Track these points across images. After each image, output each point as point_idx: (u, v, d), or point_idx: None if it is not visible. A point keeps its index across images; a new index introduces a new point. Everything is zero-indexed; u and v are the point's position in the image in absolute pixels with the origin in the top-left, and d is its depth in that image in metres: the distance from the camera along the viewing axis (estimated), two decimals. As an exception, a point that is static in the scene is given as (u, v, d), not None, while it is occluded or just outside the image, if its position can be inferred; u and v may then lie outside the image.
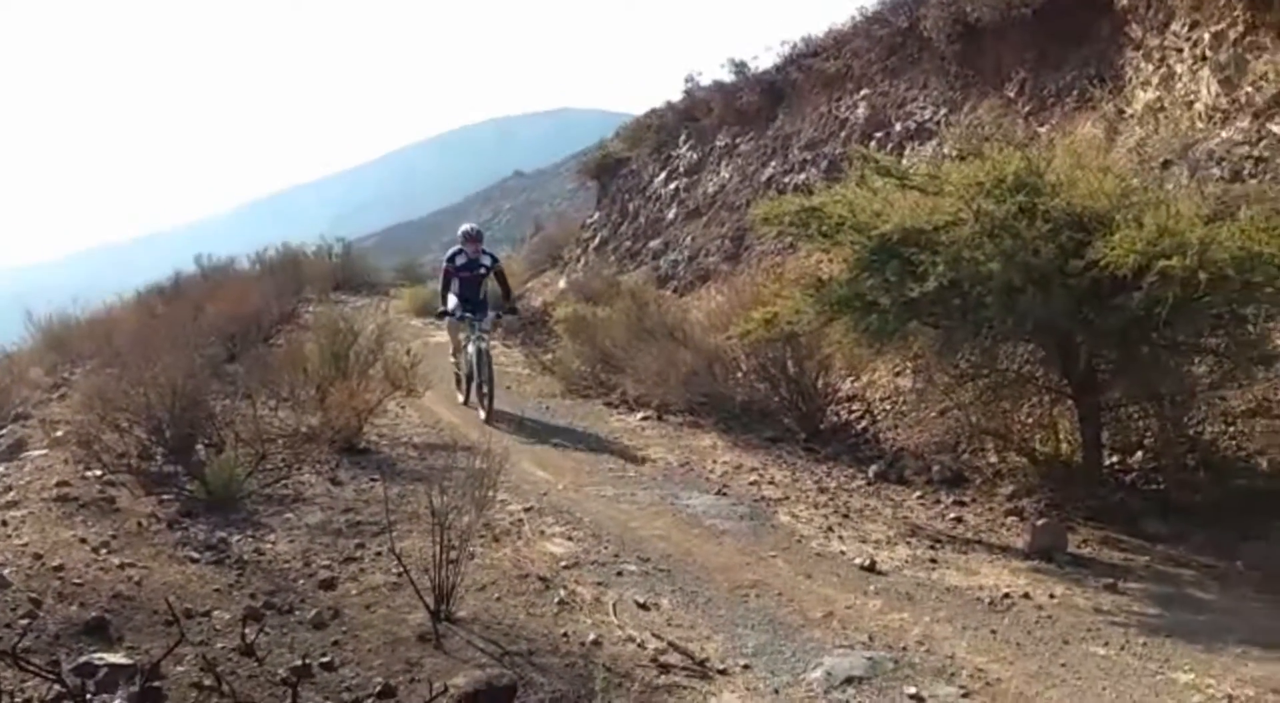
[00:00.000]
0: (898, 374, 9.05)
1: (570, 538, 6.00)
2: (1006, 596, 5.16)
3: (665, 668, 4.21)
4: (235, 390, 8.76)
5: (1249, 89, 9.18)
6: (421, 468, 7.33)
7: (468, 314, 9.67)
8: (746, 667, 4.33)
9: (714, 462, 8.14)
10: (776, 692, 4.10)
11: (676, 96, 19.26)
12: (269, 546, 5.60)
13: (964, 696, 4.02)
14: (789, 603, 5.07)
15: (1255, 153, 8.86)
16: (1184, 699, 4.05)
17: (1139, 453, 6.90)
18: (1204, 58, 9.72)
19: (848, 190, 7.26)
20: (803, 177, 14.51)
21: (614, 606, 4.90)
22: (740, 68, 17.13)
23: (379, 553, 5.42)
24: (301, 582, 5.07)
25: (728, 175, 17.16)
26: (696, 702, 4.01)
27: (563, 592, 5.05)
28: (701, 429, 9.16)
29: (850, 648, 4.51)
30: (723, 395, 9.42)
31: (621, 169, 20.69)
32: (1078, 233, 6.02)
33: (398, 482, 6.88)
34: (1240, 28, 9.37)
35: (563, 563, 5.52)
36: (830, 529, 6.35)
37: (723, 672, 4.28)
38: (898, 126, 13.63)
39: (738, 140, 17.20)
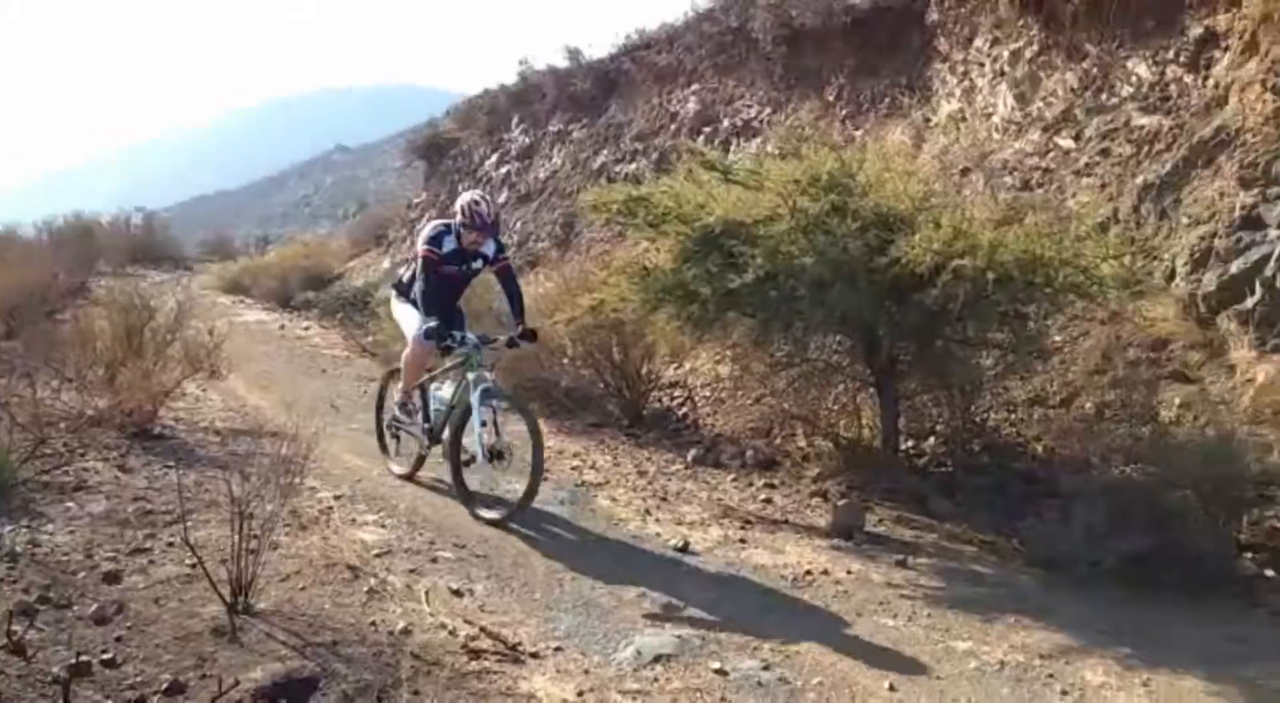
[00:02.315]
0: (718, 362, 9.31)
1: (383, 526, 5.83)
2: (808, 573, 5.42)
3: (476, 654, 4.17)
4: (12, 370, 7.98)
5: (1040, 104, 10.00)
6: (223, 454, 6.92)
7: (468, 338, 6.19)
8: (558, 649, 4.35)
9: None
10: (587, 672, 4.14)
11: (510, 79, 19.03)
12: (46, 536, 5.14)
13: (764, 668, 4.19)
14: (604, 585, 5.13)
15: (1043, 164, 9.66)
16: (962, 665, 4.38)
17: (931, 438, 7.41)
18: (1002, 73, 10.51)
19: (675, 182, 7.41)
20: (634, 166, 14.67)
21: (426, 593, 4.81)
22: (575, 55, 17.13)
23: (171, 544, 5.08)
24: (82, 575, 4.68)
25: (560, 161, 17.13)
26: (506, 686, 3.99)
27: (373, 580, 4.90)
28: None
29: (661, 628, 4.61)
30: (548, 381, 9.41)
31: (451, 149, 20.27)
32: (883, 232, 6.37)
33: (195, 469, 6.48)
34: (1035, 47, 10.18)
35: (374, 551, 5.36)
36: (648, 512, 6.47)
37: (535, 655, 4.28)
38: (726, 122, 14.01)
39: (571, 127, 17.19)
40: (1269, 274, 7.14)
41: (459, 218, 6.29)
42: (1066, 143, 9.43)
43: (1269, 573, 5.41)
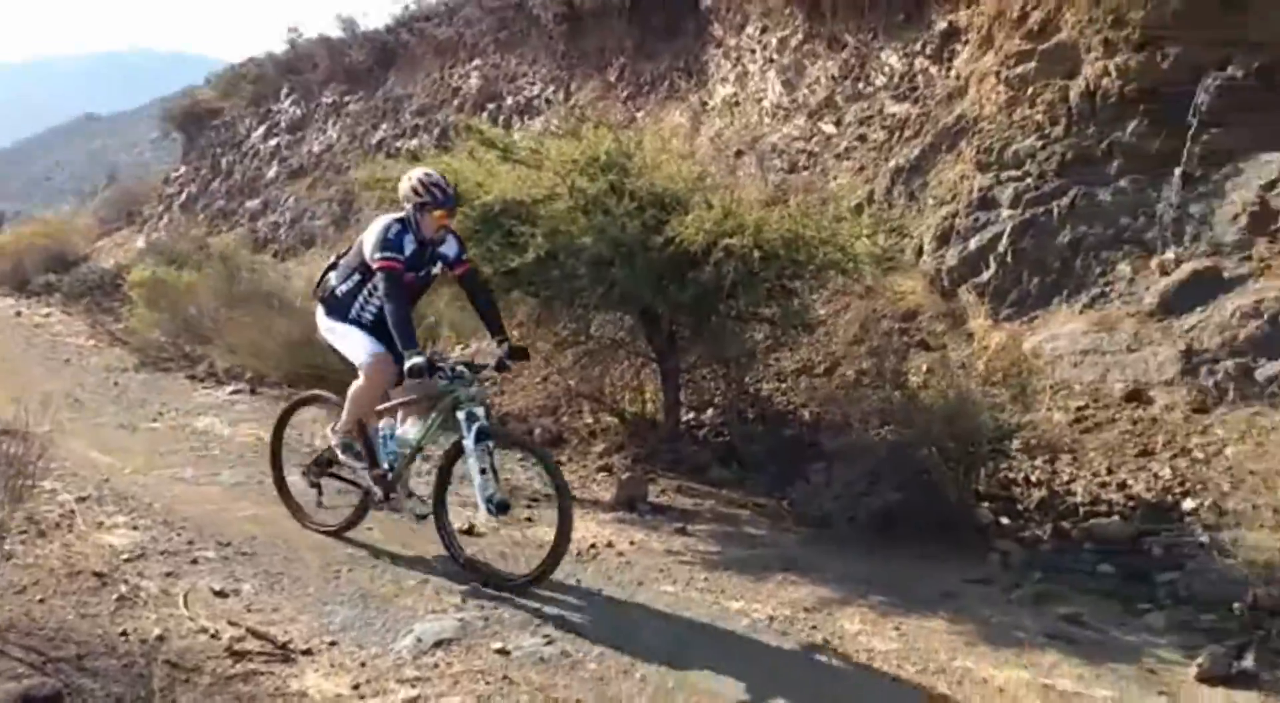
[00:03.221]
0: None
1: (135, 527, 5.39)
2: (593, 546, 5.51)
3: (241, 656, 3.94)
4: None
5: (805, 91, 10.56)
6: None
7: (457, 368, 4.90)
8: (333, 644, 4.19)
9: (314, 436, 7.75)
10: (363, 665, 4.02)
11: (279, 47, 17.97)
12: None
13: (547, 644, 4.23)
14: (383, 575, 4.99)
15: (808, 148, 10.23)
16: (734, 624, 4.59)
17: (710, 410, 7.72)
18: (771, 60, 11.00)
19: (454, 159, 7.26)
20: (415, 142, 14.24)
21: (185, 596, 4.49)
22: (350, 24, 16.41)
23: (-123, 560, 4.47)
24: None
25: (335, 135, 16.36)
26: (275, 687, 3.80)
27: (123, 587, 4.52)
28: (303, 402, 8.67)
29: (443, 612, 4.54)
30: (327, 366, 8.99)
31: (213, 120, 18.90)
32: (659, 212, 6.53)
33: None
34: (800, 36, 10.73)
35: (124, 555, 4.95)
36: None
37: (307, 652, 4.10)
38: (509, 100, 13.87)
39: (346, 99, 16.45)
40: (1001, 250, 7.93)
41: (415, 198, 4.95)
42: (829, 128, 10.02)
43: (1003, 520, 6.01)
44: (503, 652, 4.14)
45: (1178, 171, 7.33)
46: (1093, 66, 7.81)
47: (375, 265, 4.93)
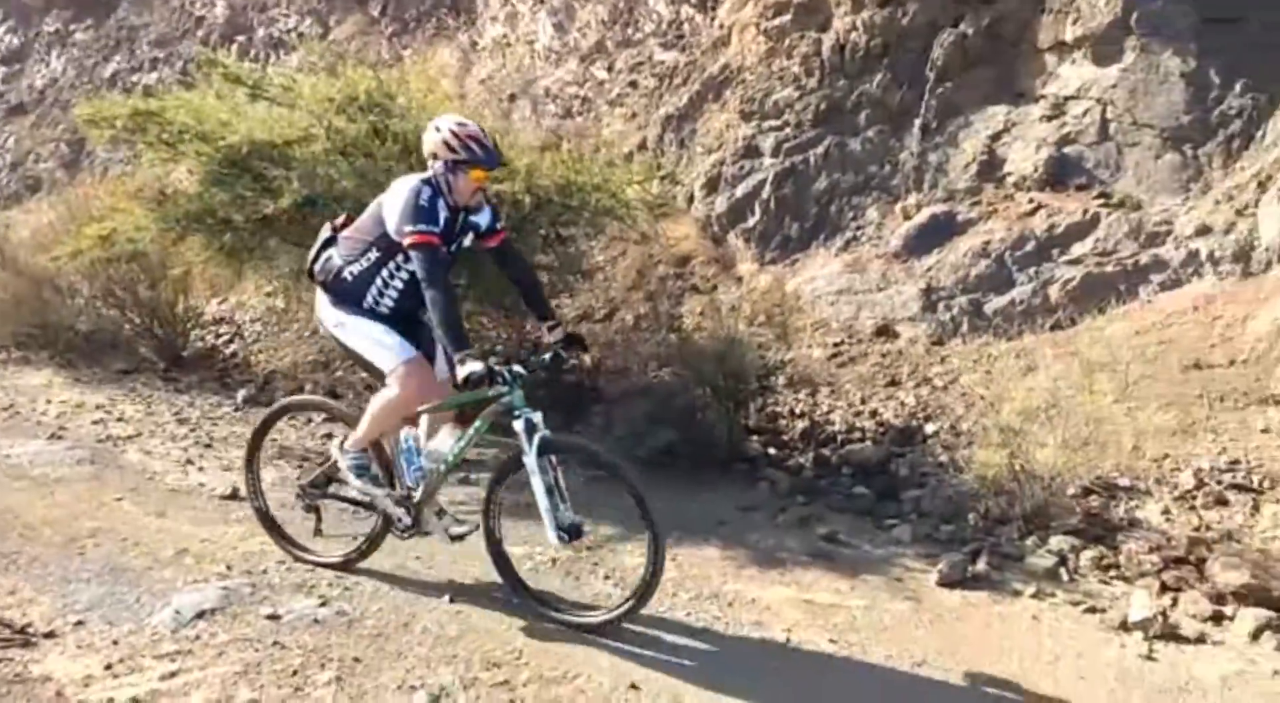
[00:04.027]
0: (269, 294, 8.70)
1: None
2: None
3: (-34, 647, 3.53)
4: None
5: (576, 34, 10.47)
6: None
7: (515, 369, 3.99)
8: (79, 624, 3.84)
9: (48, 402, 7.03)
10: (115, 643, 3.71)
11: (-19, -37, 15.69)
12: None
13: (321, 605, 4.07)
14: (135, 547, 4.61)
15: (582, 93, 10.17)
16: (516, 569, 4.60)
17: (492, 358, 7.53)
18: (542, 1, 10.80)
19: (194, 96, 6.65)
20: (154, 77, 12.97)
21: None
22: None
23: None
24: None
25: (61, 68, 14.60)
26: (15, 673, 3.45)
27: None
28: (32, 365, 7.84)
29: (204, 582, 4.26)
30: (59, 325, 8.13)
31: (-95, 47, 16.31)
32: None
33: None
34: (568, -21, 10.58)
35: None
36: (190, 462, 5.92)
37: (50, 635, 3.74)
38: (261, 32, 12.87)
39: (72, 27, 14.68)
40: (765, 197, 8.29)
41: (447, 155, 3.93)
42: (600, 73, 10.02)
43: (771, 451, 6.37)
44: (273, 617, 3.95)
45: (917, 123, 7.94)
46: (842, 21, 8.24)
47: (408, 241, 3.83)
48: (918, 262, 7.50)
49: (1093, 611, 4.41)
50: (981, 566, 4.85)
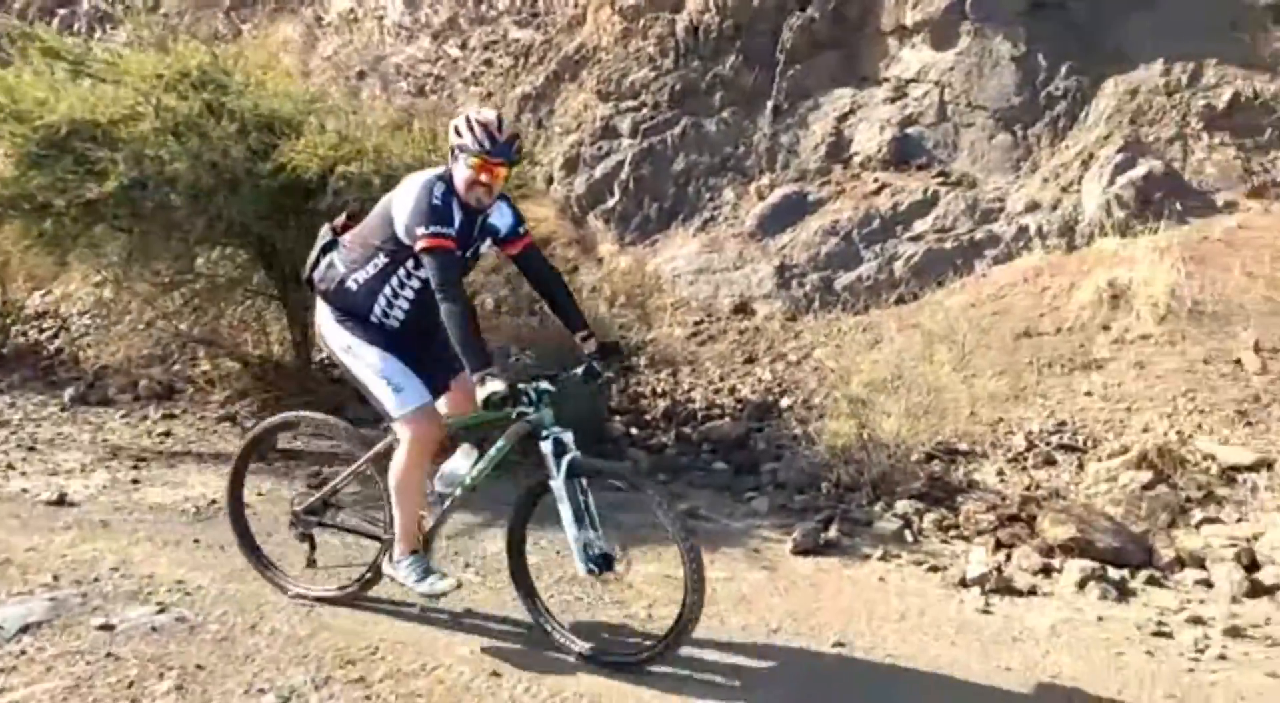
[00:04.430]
0: (98, 285, 8.14)
1: None
2: (214, 502, 5.09)
3: None
4: None
5: (428, 10, 10.19)
6: None
7: (541, 386, 3.64)
8: (-122, 651, 3.52)
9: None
10: (-77, 669, 3.42)
11: None
12: None
13: (159, 612, 3.85)
14: (-53, 562, 4.25)
15: (435, 71, 9.92)
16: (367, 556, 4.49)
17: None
18: (389, -24, 10.44)
19: (8, 73, 6.14)
20: (-38, 51, 11.89)
21: None
22: None
23: None
24: None
25: None
26: None
27: None
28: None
29: (30, 593, 3.97)
30: None
31: None
32: (267, 136, 6.01)
33: None
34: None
35: None
36: (10, 467, 5.50)
37: None
38: (86, 5, 11.99)
39: None
40: (624, 178, 8.31)
41: (454, 139, 3.54)
42: (454, 51, 9.80)
43: (634, 430, 6.42)
44: (106, 627, 3.71)
45: (769, 105, 8.10)
46: (694, 2, 8.31)
47: (420, 245, 3.43)
48: (772, 241, 7.68)
49: (935, 570, 4.65)
50: (833, 532, 5.04)
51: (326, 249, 3.82)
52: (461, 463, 3.80)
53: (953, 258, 7.18)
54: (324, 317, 3.82)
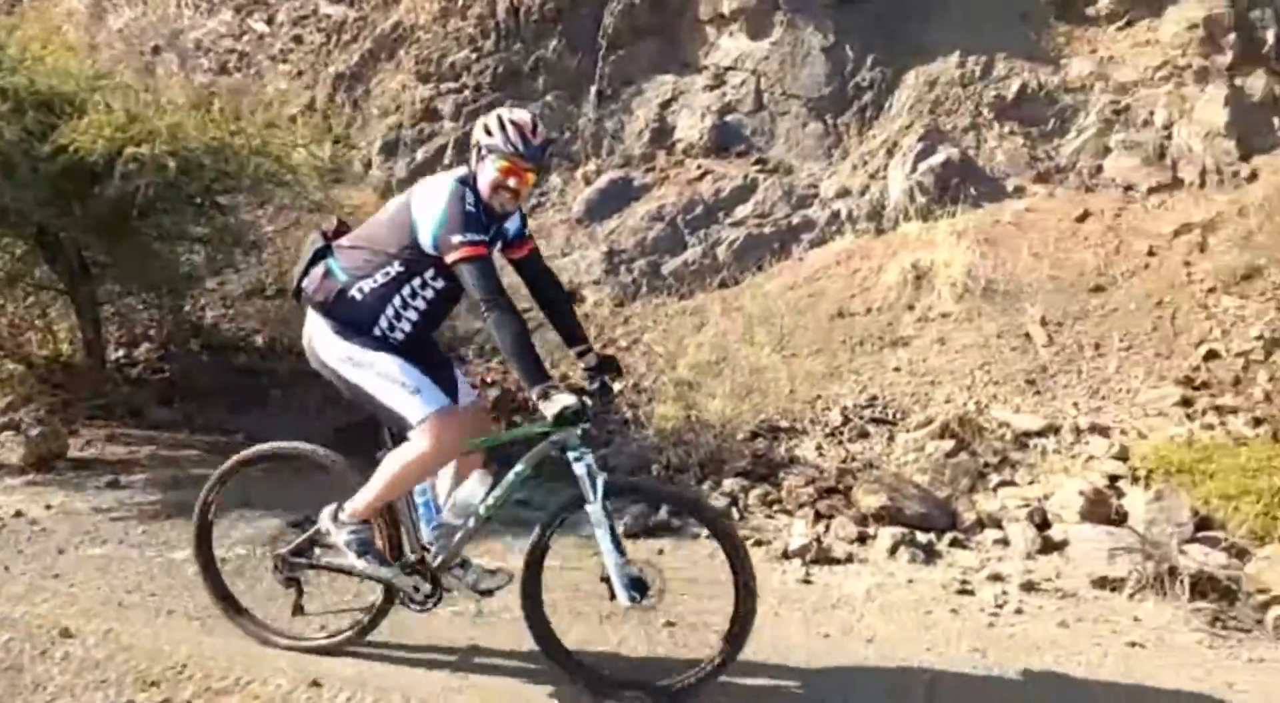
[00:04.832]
0: None
1: None
2: (-6, 519, 4.65)
3: None
4: None
5: (227, -16, 9.57)
6: None
7: (585, 401, 3.25)
8: None
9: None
10: None
11: None
12: None
13: (-71, 647, 3.48)
14: None
15: (239, 47, 9.34)
16: (181, 571, 4.21)
17: (145, 344, 6.88)
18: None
19: None
20: None
21: None
22: None
23: None
24: None
25: None
26: None
27: None
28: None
29: None
30: None
31: None
32: (46, 115, 5.49)
33: None
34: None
35: None
36: None
37: None
38: None
39: None
40: (448, 162, 8.08)
41: (482, 137, 3.28)
42: (260, 26, 9.26)
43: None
44: None
45: (593, 90, 8.10)
46: (514, -17, 8.20)
47: (456, 255, 3.15)
48: (599, 226, 7.69)
49: (760, 544, 4.80)
50: (663, 513, 5.10)
51: (318, 257, 3.46)
52: (476, 491, 3.43)
53: (771, 242, 7.42)
54: (319, 329, 3.44)
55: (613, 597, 3.29)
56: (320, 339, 3.43)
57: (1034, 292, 6.65)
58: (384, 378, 3.30)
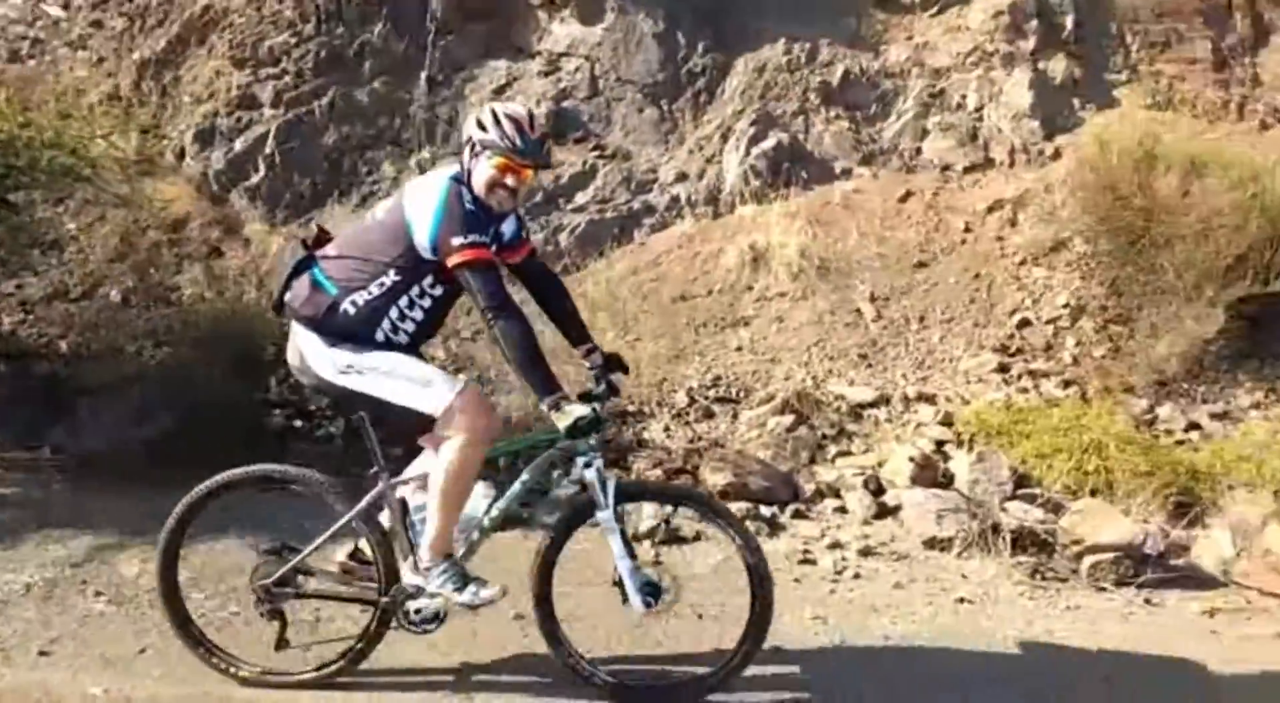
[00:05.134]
0: None
1: None
2: None
3: None
4: None
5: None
6: None
7: (592, 407, 3.09)
8: None
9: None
10: None
11: None
12: None
13: None
14: None
15: (33, 33, 8.58)
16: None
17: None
18: (-41, -82, 8.85)
19: None
20: None
21: None
22: None
23: None
24: None
25: None
26: None
27: None
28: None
29: None
30: None
31: None
32: None
33: None
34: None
35: None
36: None
37: None
38: None
39: None
40: (269, 151, 7.69)
41: (476, 132, 3.14)
42: (55, 11, 8.53)
43: (296, 424, 6.00)
44: None
45: (423, 75, 7.86)
46: (333, -36, 7.85)
47: (458, 259, 2.99)
48: (437, 216, 7.48)
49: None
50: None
51: (299, 269, 3.23)
52: (478, 504, 3.32)
53: (612, 228, 7.41)
54: (308, 344, 3.22)
55: (625, 601, 3.26)
56: (314, 355, 3.21)
57: (863, 269, 6.91)
58: (391, 378, 3.12)
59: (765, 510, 4.99)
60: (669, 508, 4.51)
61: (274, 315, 3.45)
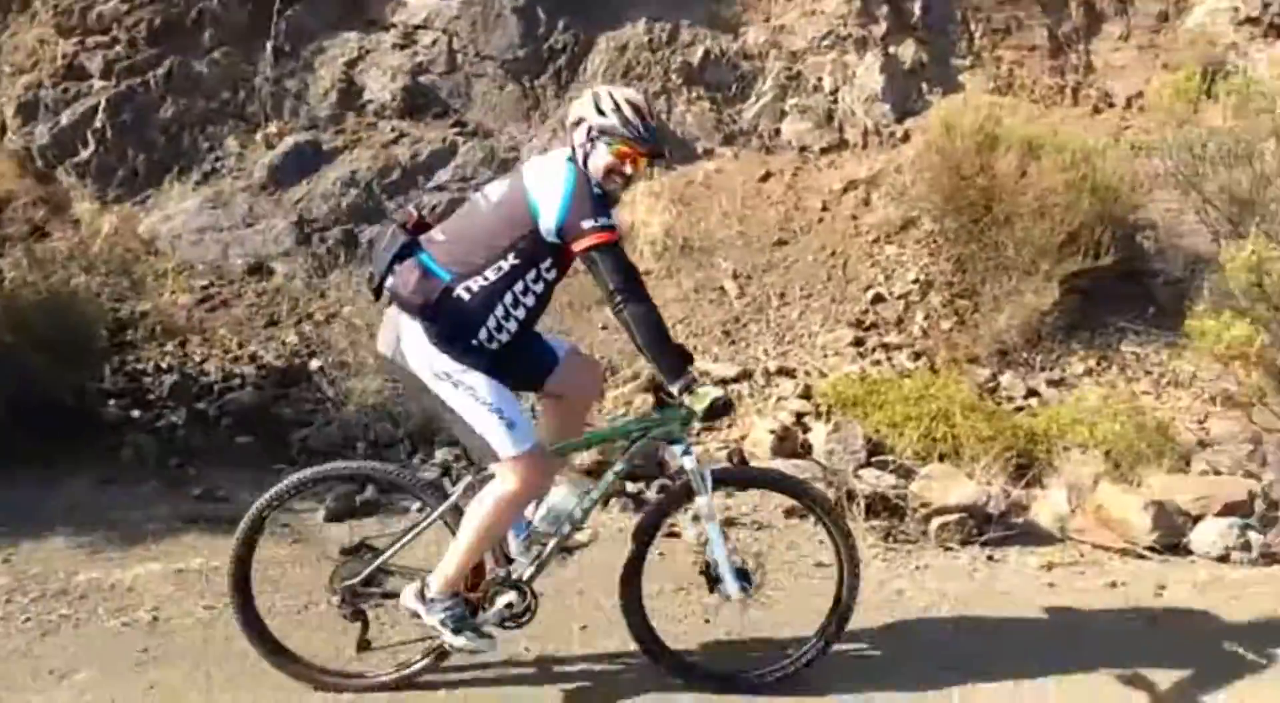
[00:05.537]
0: None
1: None
2: None
3: None
4: None
5: None
6: None
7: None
8: None
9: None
10: None
11: None
12: None
13: None
14: None
15: None
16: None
17: None
18: None
19: None
20: None
21: None
22: None
23: None
24: None
25: None
26: None
27: None
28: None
29: None
30: None
31: None
32: None
33: None
34: None
35: None
36: None
37: None
38: None
39: None
40: (99, 125, 7.20)
41: (593, 116, 3.05)
42: None
43: (135, 414, 5.65)
44: None
45: (269, 46, 7.48)
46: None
47: (591, 241, 2.95)
48: (286, 193, 7.15)
49: (472, 512, 4.71)
50: (370, 492, 4.88)
51: (404, 251, 3.10)
52: (569, 497, 3.27)
53: (474, 206, 7.25)
54: (411, 335, 3.08)
55: (712, 590, 3.32)
56: (413, 347, 3.09)
57: (726, 247, 7.00)
58: (481, 404, 3.04)
59: (631, 487, 5.00)
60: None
61: (373, 301, 3.42)
